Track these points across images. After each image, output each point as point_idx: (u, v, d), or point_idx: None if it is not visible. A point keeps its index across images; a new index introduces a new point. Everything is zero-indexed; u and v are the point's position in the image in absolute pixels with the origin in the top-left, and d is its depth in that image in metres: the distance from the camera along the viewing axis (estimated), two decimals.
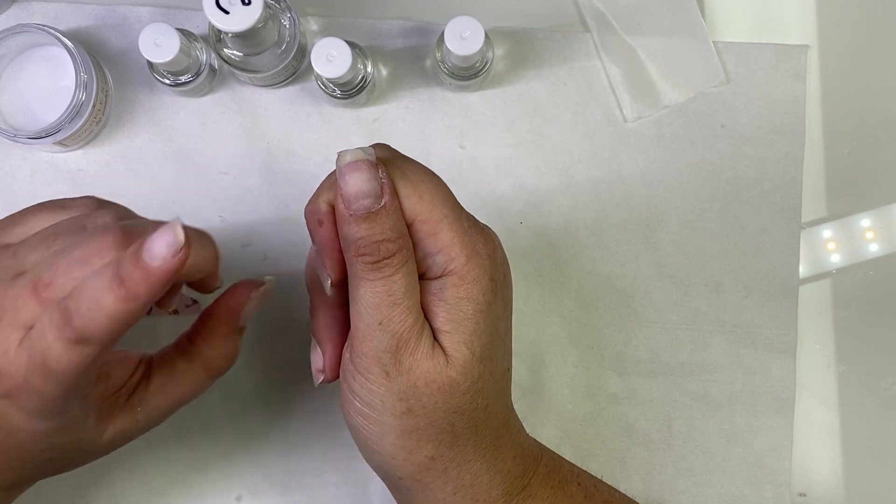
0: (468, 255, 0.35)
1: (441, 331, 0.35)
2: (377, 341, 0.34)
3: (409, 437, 0.35)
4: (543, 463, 0.40)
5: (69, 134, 0.48)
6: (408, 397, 0.35)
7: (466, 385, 0.35)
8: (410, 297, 0.34)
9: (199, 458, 0.49)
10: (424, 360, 0.34)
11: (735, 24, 0.52)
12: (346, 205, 0.33)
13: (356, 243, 0.33)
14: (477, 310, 0.35)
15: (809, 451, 0.50)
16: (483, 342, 0.35)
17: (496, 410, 0.37)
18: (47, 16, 0.50)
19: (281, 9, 0.47)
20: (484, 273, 0.35)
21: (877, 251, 0.51)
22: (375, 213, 0.33)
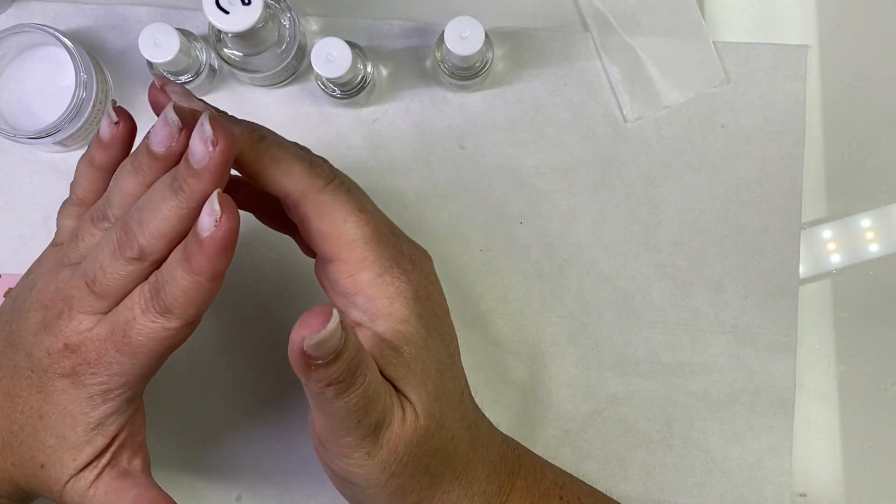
0: (389, 296, 0.35)
1: (394, 377, 0.35)
2: (356, 436, 0.34)
3: (395, 496, 0.36)
4: (521, 477, 0.40)
5: (69, 134, 0.48)
6: (390, 465, 0.35)
7: (433, 426, 0.35)
8: (377, 385, 0.34)
9: (199, 458, 0.49)
10: (399, 428, 0.34)
11: (735, 24, 0.52)
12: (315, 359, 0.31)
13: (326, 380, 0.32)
14: (417, 348, 0.35)
15: (809, 451, 0.50)
16: (433, 379, 0.35)
17: (460, 438, 0.37)
18: (47, 16, 0.50)
19: (281, 9, 0.47)
20: (410, 311, 0.35)
21: (877, 251, 0.51)
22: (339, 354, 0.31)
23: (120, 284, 0.34)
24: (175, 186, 0.33)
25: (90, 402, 0.35)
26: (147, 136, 0.34)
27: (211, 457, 0.49)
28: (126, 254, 0.34)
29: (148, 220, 0.33)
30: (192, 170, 0.32)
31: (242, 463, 0.49)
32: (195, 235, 0.32)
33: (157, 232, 0.33)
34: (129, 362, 0.34)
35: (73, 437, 0.35)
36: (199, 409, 0.50)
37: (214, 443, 0.50)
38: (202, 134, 0.32)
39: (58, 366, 0.35)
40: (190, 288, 0.33)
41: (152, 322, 0.34)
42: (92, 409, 0.35)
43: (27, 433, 0.36)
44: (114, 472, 0.36)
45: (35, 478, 0.36)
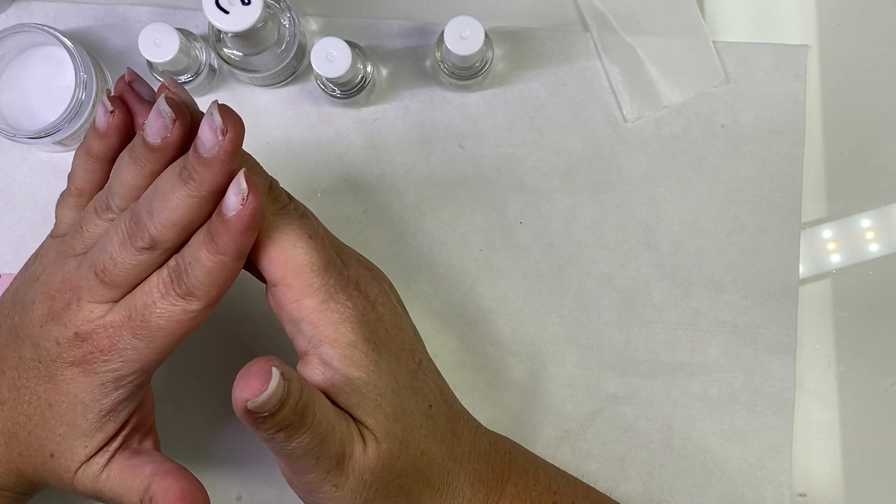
0: (334, 322, 0.35)
1: (349, 405, 0.35)
2: (318, 471, 0.34)
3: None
4: (511, 482, 0.40)
5: (69, 134, 0.48)
6: (360, 492, 0.35)
7: (397, 447, 0.35)
8: (329, 417, 0.34)
9: (199, 458, 0.49)
10: (361, 457, 0.34)
11: (735, 24, 0.52)
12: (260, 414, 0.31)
13: (273, 429, 0.32)
14: (368, 372, 0.35)
15: (809, 451, 0.50)
16: (389, 401, 0.35)
17: (433, 452, 0.37)
18: (47, 16, 0.50)
19: (281, 9, 0.47)
20: (357, 336, 0.35)
21: (877, 251, 0.51)
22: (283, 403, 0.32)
23: (131, 273, 0.34)
24: (185, 175, 0.33)
25: (102, 389, 0.35)
26: (143, 127, 0.35)
27: (211, 457, 0.49)
28: (137, 244, 0.34)
29: (158, 209, 0.33)
30: (201, 159, 0.33)
31: (242, 463, 0.49)
32: (220, 216, 0.33)
33: (168, 221, 0.33)
34: (145, 347, 0.34)
35: (84, 424, 0.35)
36: (199, 409, 0.50)
37: (214, 443, 0.50)
38: (211, 123, 0.33)
39: (67, 355, 0.35)
40: (214, 268, 0.33)
41: (173, 305, 0.34)
42: (104, 396, 0.35)
43: (35, 423, 0.36)
44: (126, 453, 0.37)
45: (44, 467, 0.36)
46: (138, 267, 0.34)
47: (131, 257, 0.34)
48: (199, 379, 0.50)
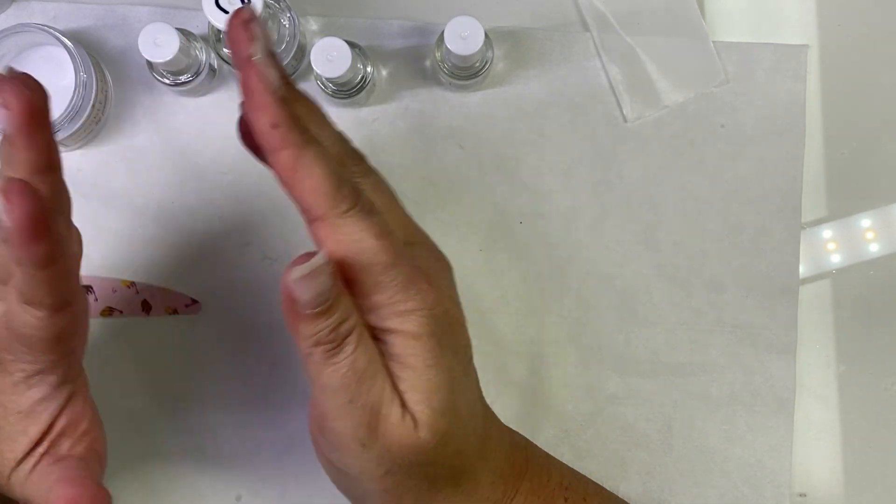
0: (401, 314, 0.34)
1: (399, 389, 0.35)
2: (351, 419, 0.34)
3: (391, 494, 0.36)
4: (528, 479, 0.40)
5: (69, 134, 0.48)
6: (384, 461, 0.34)
7: (435, 441, 0.35)
8: (373, 365, 0.34)
9: (199, 458, 0.49)
10: (395, 426, 0.34)
11: (735, 24, 0.52)
12: (303, 308, 0.31)
13: (314, 337, 0.32)
14: (427, 365, 0.34)
15: (809, 451, 0.50)
16: (442, 396, 0.35)
17: (467, 452, 0.37)
18: (47, 16, 0.50)
19: (280, 9, 0.47)
20: (422, 329, 0.34)
21: (877, 251, 0.51)
22: (332, 304, 0.32)
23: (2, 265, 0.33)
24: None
25: (15, 389, 0.35)
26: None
27: (211, 457, 0.49)
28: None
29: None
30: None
31: (242, 463, 0.49)
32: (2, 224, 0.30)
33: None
34: (28, 351, 0.34)
35: (6, 427, 0.35)
36: (199, 409, 0.50)
37: (214, 443, 0.50)
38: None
39: None
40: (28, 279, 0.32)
41: (24, 312, 0.33)
42: (19, 395, 0.35)
43: None
44: (49, 458, 0.36)
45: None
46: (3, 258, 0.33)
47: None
48: (199, 379, 0.50)
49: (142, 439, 0.49)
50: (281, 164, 0.33)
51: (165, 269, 0.50)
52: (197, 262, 0.50)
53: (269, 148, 0.32)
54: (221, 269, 0.50)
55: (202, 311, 0.50)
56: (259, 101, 0.31)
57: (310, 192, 0.33)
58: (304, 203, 0.34)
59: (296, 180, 0.33)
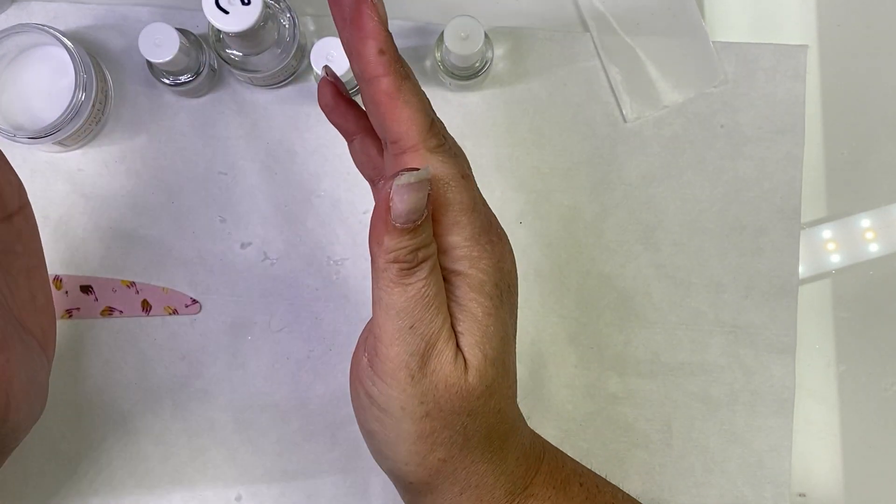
0: (473, 260, 0.35)
1: (455, 331, 0.35)
2: (407, 345, 0.34)
3: (424, 442, 0.36)
4: (546, 462, 0.40)
5: (69, 134, 0.48)
6: (427, 400, 0.35)
7: (481, 389, 0.35)
8: (439, 298, 0.35)
9: (199, 457, 0.49)
10: (447, 364, 0.35)
11: (735, 24, 0.52)
12: (395, 219, 0.33)
13: (395, 253, 0.33)
14: (486, 313, 0.35)
15: (809, 451, 0.50)
16: (494, 345, 0.36)
17: (507, 414, 0.38)
18: (47, 16, 0.50)
19: (280, 9, 0.47)
20: (488, 278, 0.35)
21: (877, 251, 0.51)
22: (419, 225, 0.33)
23: None
24: None
25: None
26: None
27: (211, 457, 0.49)
28: None
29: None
30: None
31: (242, 463, 0.49)
32: None
33: None
34: None
35: None
36: (199, 409, 0.50)
37: (214, 443, 0.50)
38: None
39: None
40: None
41: None
42: None
43: None
44: None
45: None
46: None
47: None
48: (199, 379, 0.50)
49: (142, 439, 0.49)
50: (383, 90, 0.34)
51: (165, 269, 0.50)
52: (197, 262, 0.50)
53: (373, 75, 0.33)
54: (221, 269, 0.50)
55: (202, 311, 0.50)
56: (370, 28, 0.33)
57: (406, 120, 0.34)
58: (398, 131, 0.35)
59: (395, 108, 0.34)
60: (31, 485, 0.49)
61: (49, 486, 0.49)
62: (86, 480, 0.49)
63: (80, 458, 0.49)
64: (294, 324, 0.50)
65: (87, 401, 0.49)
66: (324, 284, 0.50)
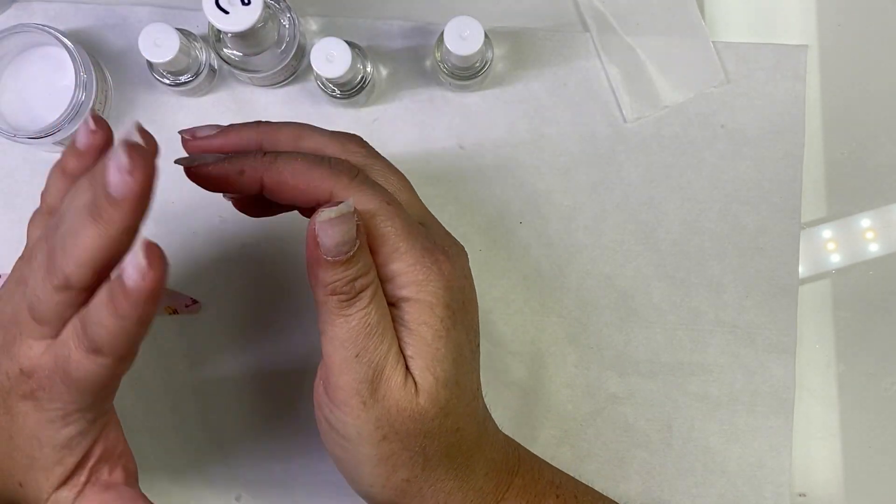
0: (419, 283, 0.35)
1: (406, 355, 0.35)
2: (355, 373, 0.34)
3: (385, 465, 0.36)
4: (520, 475, 0.40)
5: (69, 134, 0.48)
6: (382, 425, 0.35)
7: (434, 411, 0.35)
8: (384, 324, 0.35)
9: (199, 458, 0.49)
10: (397, 390, 0.35)
11: (735, 24, 0.52)
12: (325, 253, 0.33)
13: (332, 286, 0.34)
14: (436, 335, 0.35)
15: (809, 451, 0.50)
16: (445, 368, 0.36)
17: (467, 432, 0.38)
18: (47, 16, 0.50)
19: (281, 9, 0.47)
20: (437, 300, 0.35)
21: (877, 251, 0.51)
22: (352, 256, 0.33)
23: (55, 311, 0.32)
24: (94, 213, 0.31)
25: (51, 425, 0.34)
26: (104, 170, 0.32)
27: (211, 457, 0.49)
28: (53, 281, 0.32)
29: (70, 246, 0.31)
30: (110, 197, 0.31)
31: (242, 463, 0.49)
32: (120, 282, 0.30)
33: (79, 260, 0.31)
34: (77, 393, 0.33)
35: (41, 458, 0.34)
36: (199, 409, 0.50)
37: (214, 443, 0.50)
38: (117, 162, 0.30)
39: (18, 389, 0.33)
40: (117, 331, 0.31)
41: (86, 359, 0.32)
42: (55, 431, 0.34)
43: (3, 451, 0.35)
44: (96, 487, 0.35)
45: (17, 493, 0.36)
46: (61, 304, 0.32)
47: (52, 295, 0.32)
48: (199, 379, 0.50)
49: (142, 439, 0.49)
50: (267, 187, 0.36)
51: None
52: (197, 262, 0.50)
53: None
54: (221, 269, 0.50)
55: (202, 311, 0.50)
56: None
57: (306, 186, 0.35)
58: (311, 200, 0.35)
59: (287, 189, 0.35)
60: None
61: None
62: None
63: None
64: (294, 324, 0.50)
65: None
66: None
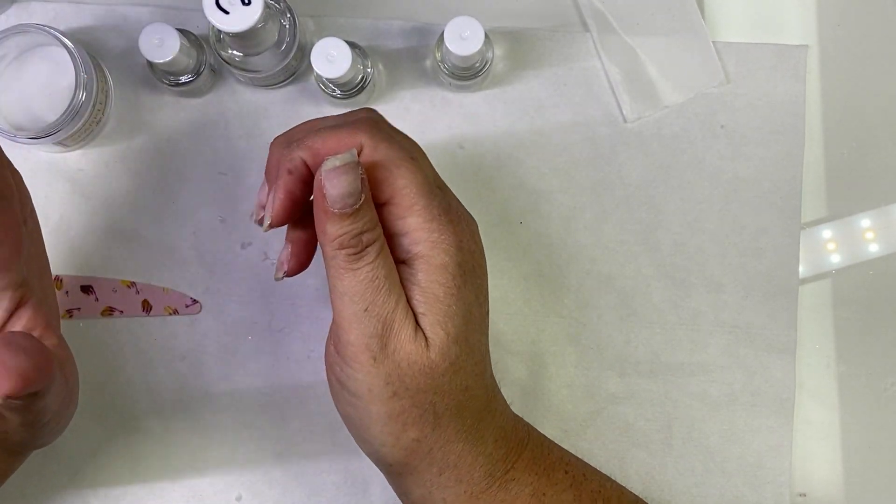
0: (433, 241, 0.36)
1: (416, 312, 0.36)
2: (364, 327, 0.35)
3: (395, 422, 0.36)
4: (530, 448, 0.41)
5: (69, 134, 0.48)
6: (393, 381, 0.36)
7: (445, 366, 0.36)
8: (391, 279, 0.36)
9: (199, 458, 0.49)
10: (408, 343, 0.36)
11: (735, 24, 0.52)
12: (331, 204, 0.34)
13: (339, 239, 0.34)
14: (447, 293, 0.36)
15: (809, 451, 0.50)
16: (456, 324, 0.36)
17: (476, 392, 0.38)
18: (47, 16, 0.50)
19: (281, 9, 0.47)
20: (450, 259, 0.36)
21: (877, 251, 0.51)
22: (357, 209, 0.34)
23: None
24: None
25: None
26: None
27: (211, 457, 0.49)
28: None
29: None
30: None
31: (242, 463, 0.49)
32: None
33: None
34: None
35: None
36: (199, 409, 0.50)
37: (214, 443, 0.50)
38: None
39: None
40: None
41: None
42: None
43: None
44: None
45: None
46: None
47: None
48: (199, 379, 0.50)
49: (142, 439, 0.49)
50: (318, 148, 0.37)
51: (165, 270, 0.50)
52: (197, 262, 0.50)
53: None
54: (221, 269, 0.50)
55: (202, 311, 0.50)
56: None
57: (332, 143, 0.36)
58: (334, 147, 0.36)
59: (316, 151, 0.36)
60: (31, 485, 0.49)
61: (49, 486, 0.49)
62: (86, 480, 0.49)
63: (80, 458, 0.49)
64: (294, 324, 0.50)
65: (88, 400, 0.49)
66: (324, 284, 0.50)
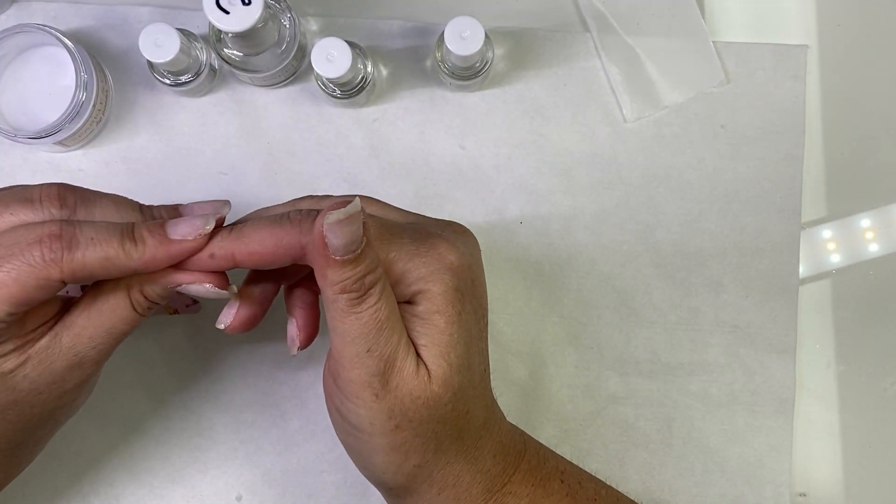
0: (423, 277, 0.36)
1: (417, 344, 0.36)
2: (366, 367, 0.35)
3: (397, 453, 0.36)
4: (526, 459, 0.41)
5: (69, 134, 0.48)
6: (395, 415, 0.35)
7: (448, 396, 0.36)
8: (393, 317, 0.35)
9: (199, 458, 0.49)
10: (410, 379, 0.35)
11: (735, 24, 0.52)
12: (334, 253, 0.33)
13: (341, 284, 0.34)
14: (448, 321, 0.36)
15: (809, 451, 0.50)
16: (459, 352, 0.36)
17: (476, 413, 0.38)
18: (47, 16, 0.50)
19: (281, 9, 0.47)
20: (447, 286, 0.36)
21: (877, 251, 0.51)
22: (360, 254, 0.34)
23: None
24: None
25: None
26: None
27: (211, 457, 0.49)
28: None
29: None
30: None
31: (242, 463, 0.49)
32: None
33: None
34: None
35: None
36: (199, 409, 0.50)
37: (214, 443, 0.50)
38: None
39: None
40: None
41: None
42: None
43: None
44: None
45: None
46: None
47: None
48: (199, 379, 0.50)
49: (142, 439, 0.49)
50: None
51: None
52: None
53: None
54: None
55: (202, 311, 0.50)
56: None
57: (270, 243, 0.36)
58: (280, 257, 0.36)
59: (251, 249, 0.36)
60: (31, 485, 0.49)
61: (49, 486, 0.49)
62: (86, 480, 0.49)
63: (80, 458, 0.49)
64: None
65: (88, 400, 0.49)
66: None
